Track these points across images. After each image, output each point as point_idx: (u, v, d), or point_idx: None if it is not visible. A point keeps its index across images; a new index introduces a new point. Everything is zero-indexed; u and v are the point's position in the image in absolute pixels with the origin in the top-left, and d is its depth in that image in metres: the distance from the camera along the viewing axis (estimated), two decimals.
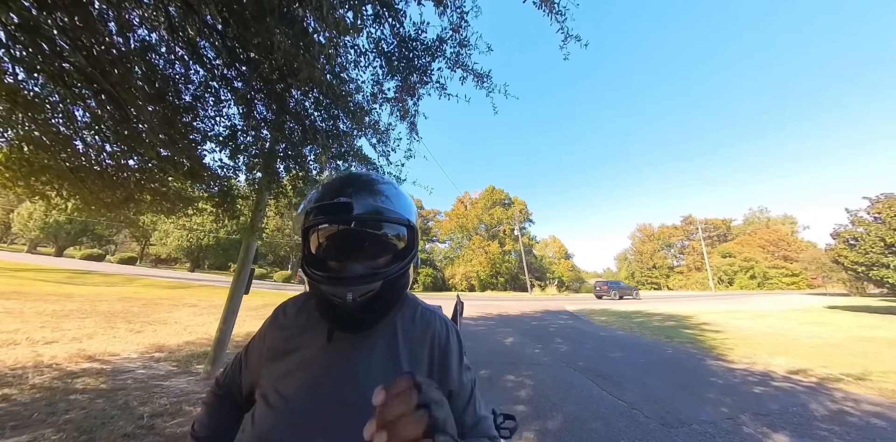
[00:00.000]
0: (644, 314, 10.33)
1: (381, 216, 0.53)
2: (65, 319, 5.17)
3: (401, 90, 2.74)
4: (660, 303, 15.72)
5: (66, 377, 2.75)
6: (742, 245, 44.42)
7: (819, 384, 3.42)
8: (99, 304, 6.84)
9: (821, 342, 5.64)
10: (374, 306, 0.51)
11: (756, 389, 3.23)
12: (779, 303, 14.93)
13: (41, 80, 1.81)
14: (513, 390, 3.12)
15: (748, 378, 3.62)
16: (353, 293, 0.48)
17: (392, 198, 0.55)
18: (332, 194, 0.51)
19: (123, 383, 2.73)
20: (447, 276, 36.28)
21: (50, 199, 2.56)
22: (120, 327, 4.93)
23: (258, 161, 2.53)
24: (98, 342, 3.98)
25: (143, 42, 1.91)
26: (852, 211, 13.42)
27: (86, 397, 2.38)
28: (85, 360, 3.28)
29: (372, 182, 0.56)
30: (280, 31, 1.51)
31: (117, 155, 2.34)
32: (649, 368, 4.01)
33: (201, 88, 2.20)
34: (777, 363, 4.24)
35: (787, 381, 3.54)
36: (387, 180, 0.59)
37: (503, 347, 5.21)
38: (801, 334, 6.44)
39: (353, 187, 0.53)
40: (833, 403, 2.88)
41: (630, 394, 3.03)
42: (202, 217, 3.66)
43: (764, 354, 4.78)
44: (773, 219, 54.00)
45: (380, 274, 0.50)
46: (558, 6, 2.14)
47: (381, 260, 0.54)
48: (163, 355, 3.69)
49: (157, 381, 2.88)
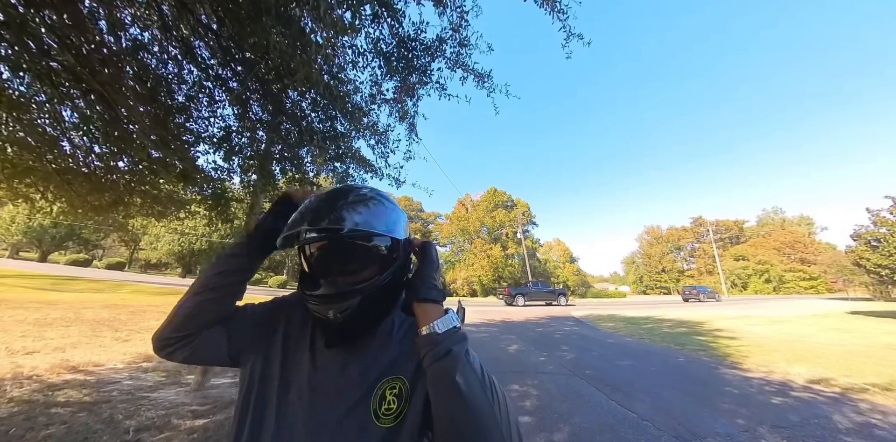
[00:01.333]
0: (653, 320, 10.28)
1: (355, 231, 0.54)
2: (47, 327, 5.14)
3: (400, 91, 2.76)
4: (670, 308, 15.64)
5: (47, 389, 2.71)
6: (756, 247, 44.34)
7: (842, 395, 3.37)
8: (84, 311, 6.82)
9: (843, 350, 5.57)
10: (359, 320, 0.55)
11: (774, 400, 3.19)
12: (796, 308, 14.82)
13: (27, 80, 1.82)
14: (517, 400, 3.10)
15: (765, 388, 3.58)
16: (333, 310, 0.52)
17: (371, 211, 0.56)
18: (301, 215, 0.55)
19: (108, 395, 2.71)
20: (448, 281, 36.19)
21: (34, 201, 2.56)
22: (106, 336, 4.91)
23: (253, 163, 2.54)
24: (82, 352, 3.96)
25: (135, 41, 1.93)
26: (874, 211, 13.36)
27: (67, 411, 2.35)
28: (68, 371, 3.25)
29: (350, 195, 0.58)
30: (276, 31, 1.53)
31: (106, 156, 2.35)
32: (660, 376, 3.98)
33: (195, 88, 2.22)
34: (796, 372, 4.19)
35: (807, 391, 3.49)
36: (367, 194, 0.59)
37: (507, 355, 5.18)
38: (822, 341, 6.37)
39: (327, 201, 0.56)
40: (858, 414, 2.82)
41: (640, 404, 3.01)
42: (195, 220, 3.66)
43: (781, 362, 4.73)
44: (789, 220, 53.88)
45: (356, 290, 0.53)
46: (560, 5, 2.17)
47: (364, 274, 0.56)
48: (151, 365, 3.67)
49: (145, 392, 2.86)
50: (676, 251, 54.00)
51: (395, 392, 0.52)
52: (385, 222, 0.56)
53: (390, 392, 0.52)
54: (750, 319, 10.20)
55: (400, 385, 0.53)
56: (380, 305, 0.57)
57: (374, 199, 0.58)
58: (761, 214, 57.41)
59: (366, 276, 0.56)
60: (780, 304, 18.60)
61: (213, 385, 3.16)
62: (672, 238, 54.10)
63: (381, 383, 0.53)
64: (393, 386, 0.53)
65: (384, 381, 0.53)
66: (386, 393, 0.52)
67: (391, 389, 0.53)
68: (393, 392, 0.52)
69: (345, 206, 0.54)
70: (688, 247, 53.35)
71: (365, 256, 0.57)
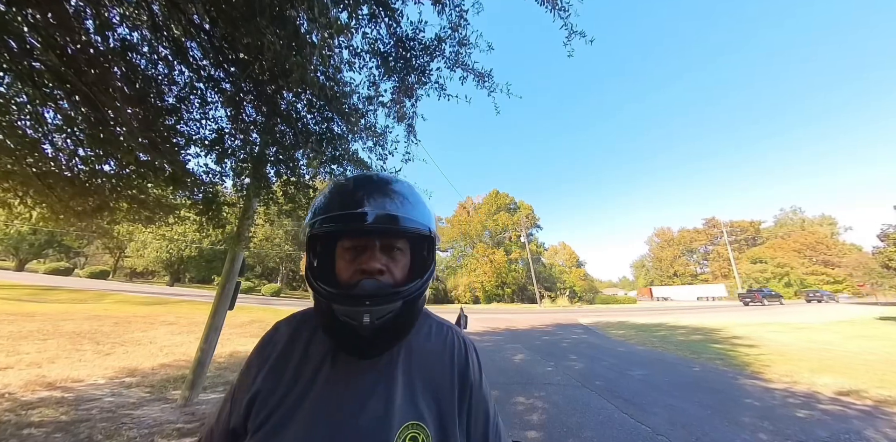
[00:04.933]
0: (666, 327, 10.22)
1: (398, 225, 0.49)
2: (23, 341, 5.10)
3: (398, 91, 2.80)
4: (684, 314, 15.55)
5: (20, 408, 2.66)
6: (774, 249, 44.12)
7: (875, 408, 3.29)
8: (64, 323, 6.78)
9: (874, 359, 5.46)
10: (390, 329, 0.48)
11: (799, 413, 3.15)
12: (820, 313, 14.64)
13: (7, 80, 1.84)
14: (524, 414, 3.07)
15: (789, 400, 3.54)
16: (371, 315, 0.45)
17: (412, 203, 0.52)
18: (342, 200, 0.50)
19: (87, 414, 2.67)
20: (449, 287, 36.09)
21: (12, 207, 2.55)
22: (87, 349, 4.88)
23: (246, 166, 2.55)
24: (60, 367, 3.92)
25: (123, 41, 1.95)
26: None
27: (42, 432, 2.31)
28: (43, 387, 3.21)
29: (388, 184, 0.54)
30: (271, 32, 1.55)
31: (91, 160, 2.36)
32: (674, 387, 3.95)
33: (186, 90, 2.24)
34: (822, 383, 4.12)
35: (835, 403, 3.43)
36: (405, 183, 0.56)
37: (512, 365, 5.15)
38: (849, 350, 6.28)
39: (366, 190, 0.51)
40: (894, 430, 2.75)
41: (654, 417, 2.98)
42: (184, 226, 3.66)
43: (806, 371, 4.67)
44: (809, 220, 53.54)
45: (401, 292, 0.48)
46: (561, 2, 2.20)
47: (399, 276, 0.51)
48: (134, 380, 3.65)
49: (127, 410, 2.83)
50: (689, 254, 53.91)
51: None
52: (427, 213, 0.53)
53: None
54: (770, 326, 10.14)
55: (422, 437, 0.45)
56: (414, 312, 0.51)
57: (415, 192, 0.55)
58: (779, 214, 57.33)
59: (406, 277, 0.51)
60: (802, 309, 18.45)
61: (202, 401, 3.13)
62: (684, 240, 54.06)
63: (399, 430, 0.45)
64: (415, 436, 0.45)
65: (403, 427, 0.45)
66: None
67: (412, 440, 0.45)
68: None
69: (395, 196, 0.51)
70: (700, 249, 53.28)
71: (414, 253, 0.53)
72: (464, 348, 0.58)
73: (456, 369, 0.54)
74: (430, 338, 0.57)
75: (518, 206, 41.66)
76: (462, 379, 0.54)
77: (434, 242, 0.55)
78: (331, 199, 0.52)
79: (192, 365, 3.10)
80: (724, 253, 45.61)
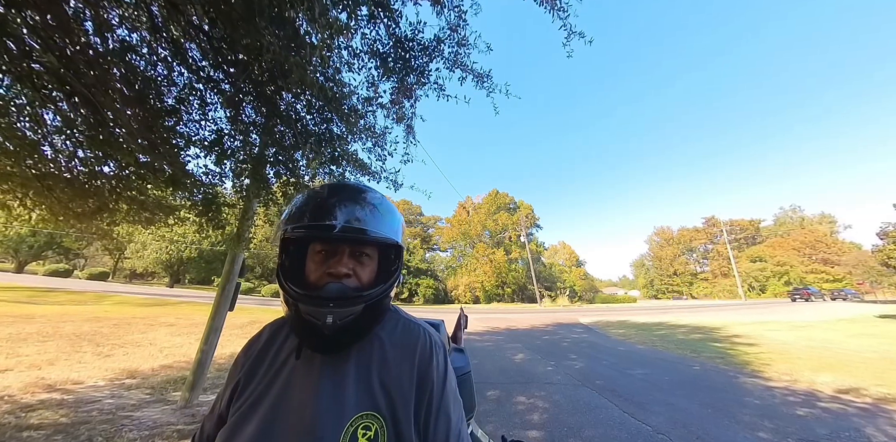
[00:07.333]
0: (666, 326, 10.23)
1: (366, 236, 0.53)
2: (22, 343, 5.09)
3: (397, 92, 2.80)
4: (684, 313, 15.57)
5: (20, 411, 2.66)
6: (774, 248, 44.23)
7: (875, 405, 3.31)
8: (63, 325, 6.77)
9: (874, 357, 5.49)
10: (351, 329, 0.52)
11: (800, 411, 3.16)
12: (820, 312, 14.61)
13: (6, 82, 1.84)
14: (524, 413, 3.08)
15: (789, 398, 3.55)
16: (335, 316, 0.49)
17: (381, 214, 0.56)
18: (315, 208, 0.54)
19: (87, 416, 2.67)
20: (449, 287, 36.07)
21: (11, 209, 2.54)
22: (86, 351, 4.88)
23: (246, 167, 2.56)
24: (60, 369, 3.92)
25: (122, 42, 1.96)
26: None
27: (41, 434, 2.30)
28: (43, 390, 3.20)
29: (360, 194, 0.58)
30: (270, 33, 1.55)
31: (91, 161, 2.36)
32: (675, 386, 3.95)
33: (185, 91, 2.25)
34: (822, 381, 4.14)
35: (835, 401, 3.44)
36: (376, 194, 0.60)
37: (513, 365, 5.16)
38: (850, 348, 6.30)
39: (339, 199, 0.55)
40: (894, 427, 2.76)
41: (655, 417, 2.99)
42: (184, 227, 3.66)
43: (806, 370, 4.69)
44: (809, 218, 53.65)
45: (364, 296, 0.51)
46: (560, 2, 2.21)
47: (366, 279, 0.55)
48: (135, 382, 3.64)
49: (127, 411, 2.82)
50: (689, 253, 53.95)
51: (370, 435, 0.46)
52: (394, 226, 0.57)
53: (364, 435, 0.46)
54: (770, 325, 10.15)
55: (376, 427, 0.47)
56: (376, 313, 0.56)
57: (385, 203, 0.59)
58: (779, 213, 57.41)
59: (371, 282, 0.55)
60: (802, 307, 18.48)
61: (202, 402, 3.13)
62: (684, 239, 54.11)
63: (352, 419, 0.47)
64: (368, 425, 0.47)
65: (356, 417, 0.47)
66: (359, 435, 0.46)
67: (364, 428, 0.47)
68: (367, 435, 0.46)
69: (365, 206, 0.55)
70: (700, 248, 53.32)
71: (381, 260, 0.58)
72: (429, 347, 0.58)
73: (416, 366, 0.55)
74: (394, 333, 0.59)
75: (518, 206, 41.72)
76: (422, 376, 0.54)
77: (401, 250, 0.59)
78: (303, 207, 0.55)
79: (193, 366, 3.10)
80: (723, 252, 45.66)
